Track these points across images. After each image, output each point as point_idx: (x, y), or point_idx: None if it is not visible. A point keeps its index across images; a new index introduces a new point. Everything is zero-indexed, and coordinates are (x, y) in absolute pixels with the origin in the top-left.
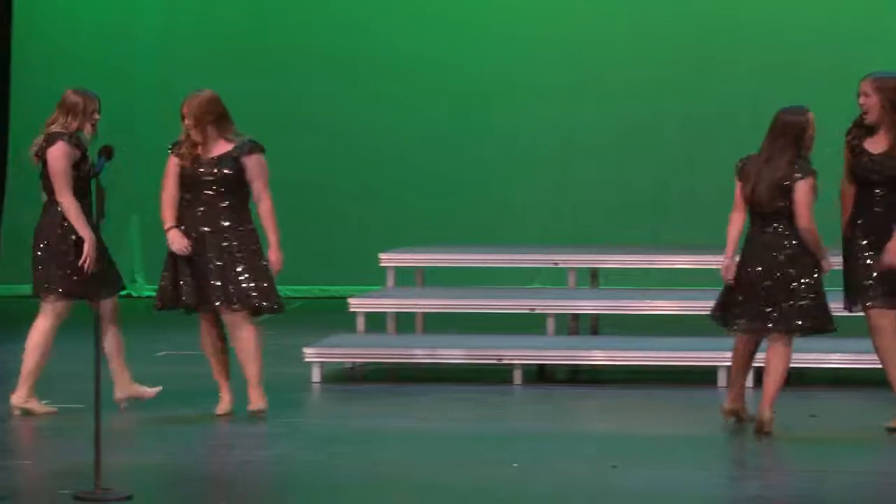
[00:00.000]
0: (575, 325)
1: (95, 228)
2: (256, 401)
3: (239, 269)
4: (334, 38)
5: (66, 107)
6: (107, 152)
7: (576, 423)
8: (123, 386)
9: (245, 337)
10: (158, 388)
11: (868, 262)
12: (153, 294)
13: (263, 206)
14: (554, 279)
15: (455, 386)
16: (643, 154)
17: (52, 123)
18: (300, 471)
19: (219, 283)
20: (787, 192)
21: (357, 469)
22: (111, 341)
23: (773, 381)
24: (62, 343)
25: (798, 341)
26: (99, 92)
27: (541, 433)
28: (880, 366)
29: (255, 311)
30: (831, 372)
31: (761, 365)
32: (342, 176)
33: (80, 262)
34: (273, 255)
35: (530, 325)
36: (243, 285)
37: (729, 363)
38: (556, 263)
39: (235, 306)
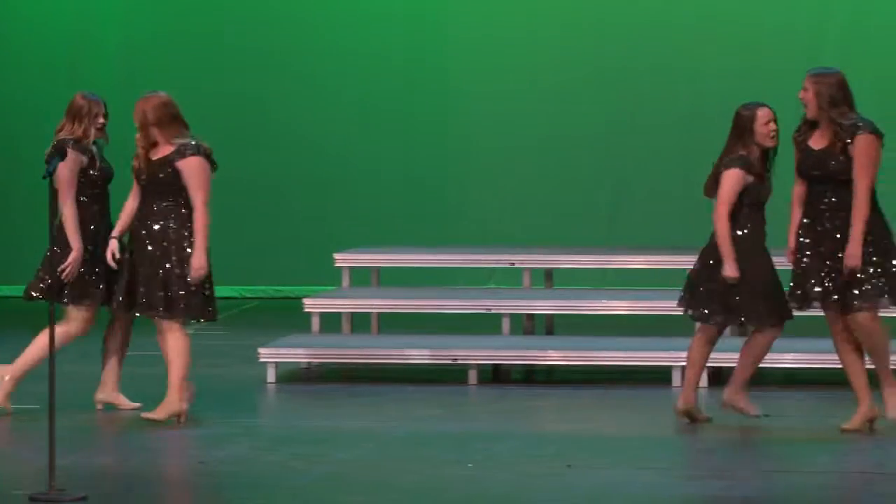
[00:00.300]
0: (530, 326)
1: (104, 238)
2: (160, 409)
3: (160, 274)
4: (290, 38)
5: (71, 112)
6: (60, 152)
7: (531, 423)
8: (106, 389)
9: (167, 341)
10: (138, 405)
11: (808, 262)
12: None
13: (195, 212)
14: (509, 279)
15: (410, 386)
16: (599, 155)
17: (60, 130)
18: (256, 471)
19: (142, 289)
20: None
21: (314, 470)
22: (112, 343)
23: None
24: (20, 344)
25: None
26: (56, 93)
27: (496, 433)
28: (833, 365)
29: (171, 318)
30: (785, 371)
31: (716, 365)
32: (297, 176)
33: (61, 268)
34: (194, 261)
35: (486, 325)
36: (157, 293)
37: (683, 363)
38: (511, 264)
39: (151, 312)
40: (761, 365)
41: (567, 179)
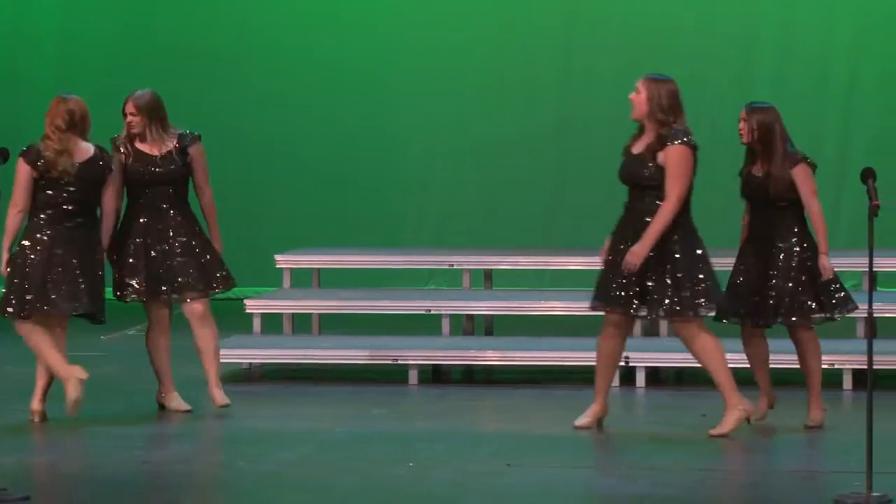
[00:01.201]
0: (470, 326)
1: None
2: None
3: None
4: (229, 39)
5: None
6: (3, 154)
7: (471, 423)
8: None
9: None
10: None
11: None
12: None
13: None
14: (449, 281)
15: (351, 386)
16: (536, 158)
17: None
18: (199, 471)
19: None
20: None
21: (256, 469)
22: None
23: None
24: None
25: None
26: None
27: (436, 433)
28: (774, 366)
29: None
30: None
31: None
32: (238, 178)
33: None
34: None
35: (426, 325)
36: None
37: (619, 363)
38: (451, 265)
39: None
40: (700, 365)
41: (504, 182)
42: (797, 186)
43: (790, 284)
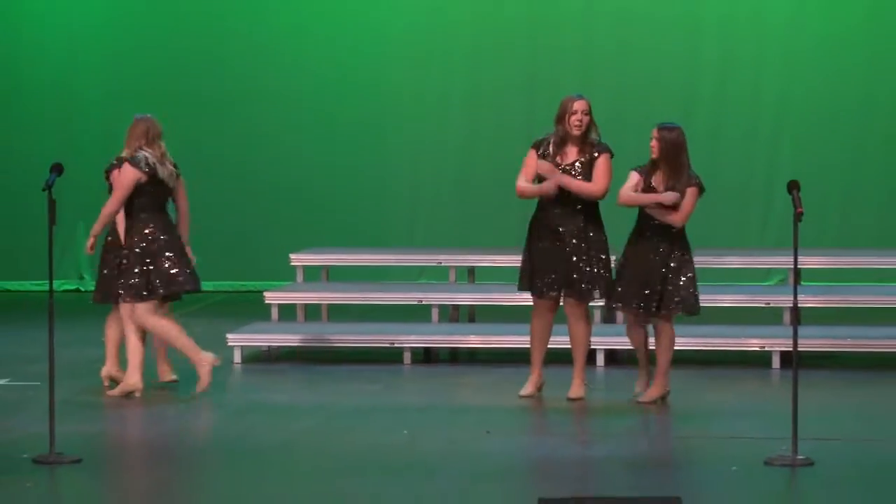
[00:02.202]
0: (456, 314)
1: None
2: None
3: None
4: (251, 66)
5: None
6: (57, 168)
7: (456, 397)
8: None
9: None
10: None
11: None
12: None
13: None
14: (438, 276)
15: (354, 366)
16: (512, 166)
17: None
18: (223, 438)
19: None
20: None
21: (272, 437)
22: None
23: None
24: (21, 330)
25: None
26: (50, 111)
27: (427, 405)
28: (708, 347)
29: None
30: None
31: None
32: (260, 188)
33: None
34: None
35: (418, 314)
36: None
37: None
38: (439, 262)
39: None
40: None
41: (485, 190)
42: (683, 201)
43: (663, 281)
